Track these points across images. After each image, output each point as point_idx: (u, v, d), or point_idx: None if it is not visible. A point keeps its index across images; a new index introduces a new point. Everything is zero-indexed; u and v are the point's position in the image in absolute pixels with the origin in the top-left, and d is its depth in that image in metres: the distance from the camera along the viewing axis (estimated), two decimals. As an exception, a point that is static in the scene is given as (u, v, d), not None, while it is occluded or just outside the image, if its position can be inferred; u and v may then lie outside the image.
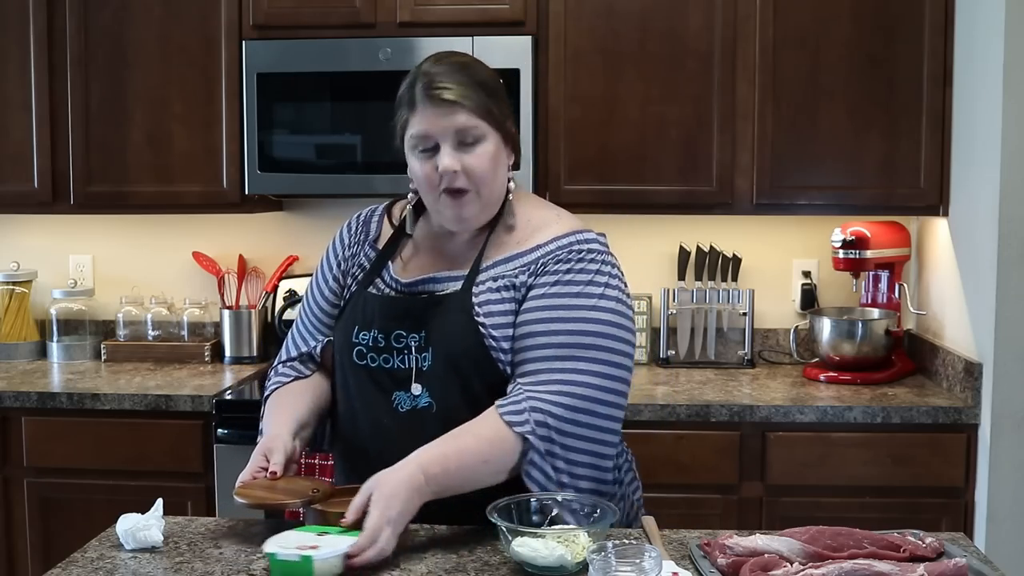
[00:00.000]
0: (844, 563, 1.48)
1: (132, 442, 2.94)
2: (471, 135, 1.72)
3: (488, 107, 1.74)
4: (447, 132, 1.72)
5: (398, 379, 1.77)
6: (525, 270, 1.76)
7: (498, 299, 1.75)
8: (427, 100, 1.71)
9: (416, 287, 1.82)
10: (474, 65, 1.79)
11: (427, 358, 1.75)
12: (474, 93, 1.72)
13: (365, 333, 1.80)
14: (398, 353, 1.77)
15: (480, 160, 1.73)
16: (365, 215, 1.96)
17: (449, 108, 1.71)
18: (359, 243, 1.92)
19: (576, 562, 1.51)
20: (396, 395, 1.77)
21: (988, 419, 2.72)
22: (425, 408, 1.75)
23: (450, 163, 1.71)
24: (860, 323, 3.11)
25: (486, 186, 1.75)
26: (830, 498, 2.79)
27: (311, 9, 3.12)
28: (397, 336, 1.77)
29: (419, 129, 1.73)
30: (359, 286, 1.86)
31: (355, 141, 3.13)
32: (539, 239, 1.79)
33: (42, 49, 3.20)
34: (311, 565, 1.50)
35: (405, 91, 1.76)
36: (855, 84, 3.02)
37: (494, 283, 1.76)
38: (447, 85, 1.71)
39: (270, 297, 3.47)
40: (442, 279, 1.80)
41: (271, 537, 1.56)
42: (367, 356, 1.79)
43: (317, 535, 1.56)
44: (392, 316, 1.79)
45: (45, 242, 3.64)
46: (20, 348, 3.49)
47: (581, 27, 3.06)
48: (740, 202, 3.08)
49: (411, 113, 1.74)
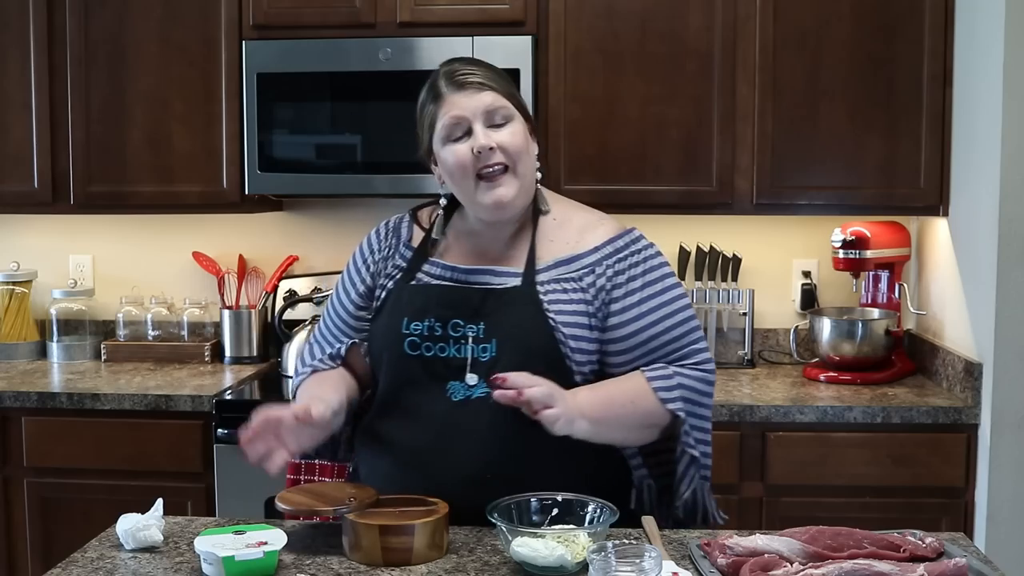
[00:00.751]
0: (844, 563, 1.48)
1: (132, 442, 2.94)
2: (500, 115, 1.79)
3: (511, 90, 1.83)
4: (477, 112, 1.78)
5: (453, 368, 1.78)
6: (589, 271, 1.82)
7: (567, 299, 1.79)
8: (453, 86, 1.79)
9: (472, 276, 1.83)
10: (488, 63, 1.88)
11: (488, 350, 1.77)
12: (497, 76, 1.82)
13: (417, 323, 1.80)
14: (454, 342, 1.78)
15: (513, 136, 1.79)
16: (393, 222, 1.97)
17: (476, 89, 1.78)
18: (391, 246, 1.93)
19: (576, 562, 1.51)
20: (450, 384, 1.78)
21: (988, 419, 2.72)
22: (482, 398, 1.75)
23: (484, 140, 1.77)
24: (860, 323, 3.11)
25: (522, 163, 1.80)
26: (830, 498, 2.79)
27: (311, 9, 3.12)
28: (454, 325, 1.79)
29: (450, 115, 1.79)
30: (399, 282, 1.87)
31: (355, 141, 3.13)
32: (592, 241, 1.85)
33: (42, 49, 3.21)
34: (275, 559, 1.54)
35: (428, 91, 1.83)
36: (855, 84, 3.02)
37: (559, 282, 1.81)
38: (470, 71, 1.80)
39: (270, 297, 3.47)
40: (500, 272, 1.83)
41: (197, 542, 1.57)
42: (421, 346, 1.79)
43: (233, 534, 1.60)
44: (448, 305, 1.80)
45: (45, 242, 3.64)
46: (20, 348, 3.49)
47: (581, 27, 3.06)
48: (740, 202, 3.08)
49: (438, 105, 1.80)
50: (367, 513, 1.63)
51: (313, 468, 2.43)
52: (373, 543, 1.58)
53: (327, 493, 1.71)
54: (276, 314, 3.37)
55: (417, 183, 3.07)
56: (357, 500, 1.66)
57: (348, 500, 1.66)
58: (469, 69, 1.80)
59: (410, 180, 3.08)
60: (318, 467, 2.43)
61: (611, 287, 1.81)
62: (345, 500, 1.66)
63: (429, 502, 1.68)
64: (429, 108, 1.82)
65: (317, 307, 3.39)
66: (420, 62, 3.05)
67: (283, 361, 3.26)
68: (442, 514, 1.63)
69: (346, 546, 1.62)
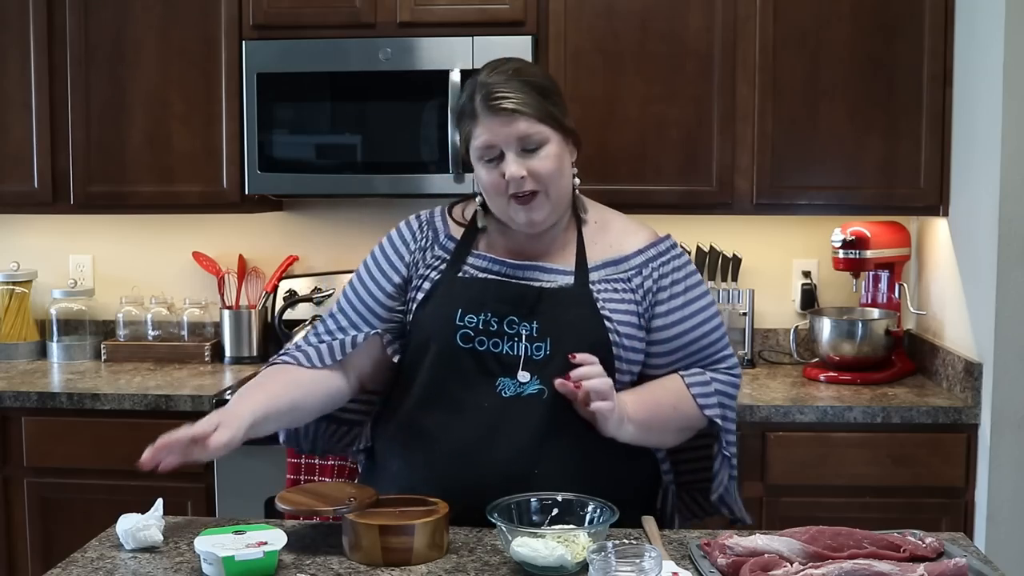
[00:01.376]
0: (844, 563, 1.48)
1: (132, 442, 2.88)
2: (533, 141, 1.78)
3: (547, 110, 1.79)
4: (510, 140, 1.77)
5: (505, 364, 1.78)
6: (637, 272, 1.86)
7: (620, 298, 1.83)
8: (488, 111, 1.77)
9: (522, 272, 1.84)
10: (528, 69, 1.84)
11: (542, 348, 1.78)
12: (532, 99, 1.77)
13: (472, 316, 1.80)
14: (508, 339, 1.79)
15: (545, 163, 1.78)
16: (425, 216, 1.96)
17: (509, 117, 1.76)
18: (428, 238, 1.91)
19: (576, 562, 1.51)
20: (500, 380, 1.78)
21: (988, 419, 2.72)
22: (534, 395, 1.76)
23: (516, 170, 1.76)
24: (860, 323, 3.11)
25: (554, 186, 1.80)
26: (830, 498, 2.79)
27: (311, 9, 3.12)
28: (510, 322, 1.79)
29: (483, 140, 1.78)
30: (446, 272, 1.85)
31: (355, 141, 3.13)
32: (635, 244, 1.90)
33: (42, 49, 3.21)
34: (274, 559, 1.54)
35: (466, 103, 1.81)
36: (855, 84, 3.02)
37: (609, 282, 1.84)
38: (505, 94, 1.76)
39: (270, 297, 3.47)
40: (549, 269, 1.84)
41: (197, 542, 1.57)
42: (474, 339, 1.79)
43: (233, 534, 1.60)
44: (506, 300, 1.80)
45: (45, 242, 3.64)
46: (20, 348, 3.49)
47: (581, 27, 3.06)
48: (740, 202, 3.08)
49: (474, 125, 1.80)
50: (367, 513, 1.63)
51: (313, 468, 2.42)
52: (373, 543, 1.58)
53: (327, 493, 1.71)
54: (276, 314, 3.37)
55: (417, 183, 3.07)
56: (357, 500, 1.66)
57: (348, 500, 1.66)
58: (505, 92, 1.76)
59: (410, 180, 3.08)
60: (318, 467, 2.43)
61: (656, 289, 1.86)
62: (345, 500, 1.66)
63: (429, 502, 1.68)
64: (466, 123, 1.81)
65: (317, 307, 3.38)
66: (420, 62, 3.05)
67: (283, 361, 3.26)
68: (442, 514, 1.63)
69: (346, 546, 1.62)
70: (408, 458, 1.84)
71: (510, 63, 1.83)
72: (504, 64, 1.83)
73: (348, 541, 1.62)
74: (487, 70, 1.82)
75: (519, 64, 1.84)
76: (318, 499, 1.69)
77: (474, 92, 1.80)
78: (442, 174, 3.04)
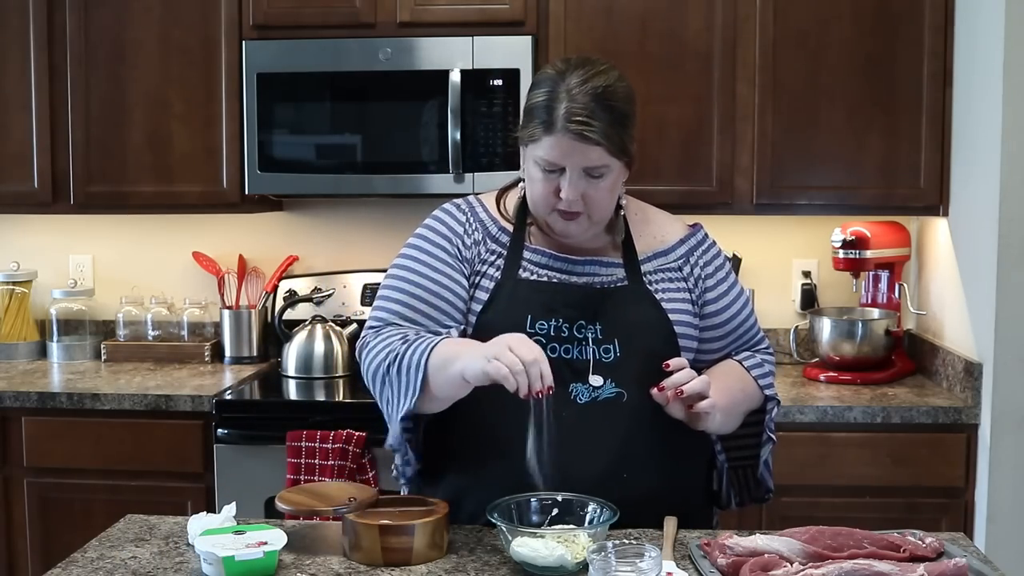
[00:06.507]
0: (844, 563, 1.48)
1: (132, 442, 2.94)
2: (599, 170, 1.73)
3: (623, 144, 1.73)
4: (577, 165, 1.72)
5: (576, 370, 1.75)
6: (684, 261, 1.88)
7: (675, 287, 1.85)
8: (566, 132, 1.69)
9: (579, 267, 1.82)
10: (615, 90, 1.73)
11: (610, 351, 1.77)
12: (613, 132, 1.71)
13: (544, 322, 1.76)
14: (578, 344, 1.77)
15: (601, 193, 1.76)
16: (465, 205, 1.88)
17: (586, 143, 1.69)
18: (476, 230, 1.85)
19: (576, 562, 1.51)
20: (572, 386, 1.74)
21: (988, 419, 2.72)
22: (611, 399, 1.75)
23: (572, 195, 1.73)
24: (860, 323, 3.11)
25: (600, 210, 1.79)
26: (830, 498, 2.79)
27: (311, 9, 3.12)
28: (579, 327, 1.77)
29: (551, 155, 1.71)
30: (506, 273, 1.80)
31: (355, 141, 3.13)
32: (676, 233, 1.92)
33: (42, 49, 3.21)
34: (274, 559, 1.54)
35: (543, 106, 1.71)
36: (855, 84, 3.02)
37: (661, 272, 1.86)
38: (589, 121, 1.68)
39: (270, 297, 3.47)
40: (606, 263, 1.83)
41: (197, 542, 1.57)
42: (547, 347, 1.72)
43: (233, 534, 1.59)
44: (572, 304, 1.78)
45: (45, 242, 3.64)
46: (20, 348, 3.49)
47: (581, 27, 3.06)
48: (740, 202, 3.08)
49: (546, 134, 1.71)
50: (367, 513, 1.63)
51: (313, 468, 2.43)
52: (373, 543, 1.58)
53: (327, 493, 1.71)
54: (276, 314, 3.37)
55: (417, 183, 3.07)
56: (357, 500, 1.66)
57: (348, 500, 1.66)
58: (589, 119, 1.68)
59: (410, 180, 3.08)
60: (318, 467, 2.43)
61: (704, 276, 1.89)
62: (345, 500, 1.66)
63: (429, 502, 1.68)
64: (536, 126, 1.72)
65: (317, 307, 3.39)
66: (420, 62, 3.05)
67: (283, 361, 3.26)
68: (442, 514, 1.63)
69: (346, 546, 1.62)
70: (483, 469, 1.76)
71: (599, 77, 1.72)
72: (594, 76, 1.71)
73: (348, 541, 1.62)
74: (576, 76, 1.71)
75: (608, 81, 1.72)
76: (318, 499, 1.69)
77: (556, 100, 1.70)
78: (442, 174, 3.04)
